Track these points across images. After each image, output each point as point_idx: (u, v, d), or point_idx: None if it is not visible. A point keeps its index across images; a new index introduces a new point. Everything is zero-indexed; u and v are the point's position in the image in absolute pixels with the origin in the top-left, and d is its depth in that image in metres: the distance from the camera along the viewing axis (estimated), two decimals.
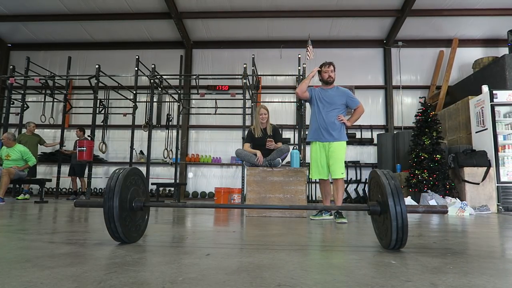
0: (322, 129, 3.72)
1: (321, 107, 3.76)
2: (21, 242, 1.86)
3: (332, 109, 3.73)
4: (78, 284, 1.05)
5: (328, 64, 3.83)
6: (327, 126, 3.70)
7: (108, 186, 1.76)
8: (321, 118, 3.75)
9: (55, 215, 3.82)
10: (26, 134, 7.95)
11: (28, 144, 7.77)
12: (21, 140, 7.77)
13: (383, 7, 9.38)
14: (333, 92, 3.78)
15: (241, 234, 2.50)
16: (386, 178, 1.75)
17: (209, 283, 1.10)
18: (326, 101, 3.75)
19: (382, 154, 8.86)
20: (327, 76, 3.79)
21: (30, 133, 8.01)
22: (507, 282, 1.18)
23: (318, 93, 3.82)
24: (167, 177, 10.27)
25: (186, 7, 9.58)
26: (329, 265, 1.40)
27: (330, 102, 3.74)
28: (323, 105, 3.76)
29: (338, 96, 3.76)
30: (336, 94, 3.78)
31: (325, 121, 3.72)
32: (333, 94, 3.77)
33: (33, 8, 9.68)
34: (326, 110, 3.73)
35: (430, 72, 10.45)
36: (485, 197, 6.02)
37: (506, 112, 6.49)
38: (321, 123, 3.74)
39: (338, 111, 3.73)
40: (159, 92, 8.83)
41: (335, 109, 3.73)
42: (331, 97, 3.74)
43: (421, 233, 2.59)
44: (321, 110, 3.76)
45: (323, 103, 3.76)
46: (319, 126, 3.75)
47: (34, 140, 8.04)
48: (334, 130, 3.70)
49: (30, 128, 8.01)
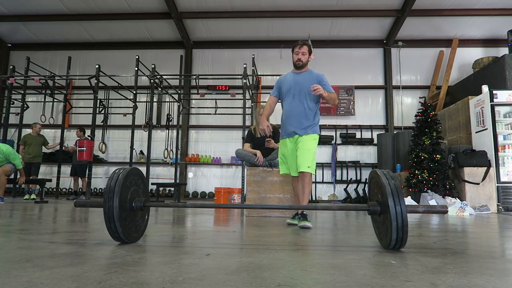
0: (292, 121, 3.14)
1: (290, 96, 3.18)
2: (21, 242, 1.86)
3: (303, 97, 3.13)
4: (78, 284, 1.05)
5: (300, 45, 3.18)
6: (297, 117, 3.11)
7: (108, 186, 1.76)
8: (291, 109, 3.16)
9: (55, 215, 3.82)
10: (31, 135, 8.04)
11: (33, 145, 7.87)
12: (26, 140, 7.87)
13: (383, 7, 9.39)
14: (304, 77, 3.18)
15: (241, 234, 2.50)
16: (386, 178, 1.75)
17: (209, 283, 1.10)
18: (296, 88, 3.16)
19: (382, 154, 8.87)
20: (296, 58, 3.18)
21: (35, 133, 8.10)
22: (507, 282, 1.18)
23: (288, 80, 3.25)
24: (167, 177, 10.27)
25: (186, 7, 9.59)
26: (329, 265, 1.40)
27: (300, 89, 3.14)
28: (292, 93, 3.17)
29: (310, 81, 3.12)
30: (308, 78, 3.16)
31: (294, 111, 3.13)
32: (304, 79, 3.16)
33: (33, 8, 9.68)
34: (296, 99, 3.14)
35: (430, 72, 10.46)
36: (485, 197, 6.02)
37: (506, 112, 6.49)
38: (291, 114, 3.15)
39: (310, 99, 3.12)
40: (159, 92, 8.82)
41: (306, 97, 3.12)
42: (302, 83, 3.15)
43: (421, 233, 2.59)
44: (290, 100, 3.17)
45: (293, 91, 3.17)
46: (289, 118, 3.17)
47: (39, 140, 8.13)
48: (305, 121, 3.11)
49: (35, 128, 8.09)
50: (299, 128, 3.10)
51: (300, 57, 3.16)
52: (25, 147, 7.84)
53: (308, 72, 3.22)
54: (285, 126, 3.21)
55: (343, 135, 10.20)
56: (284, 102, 3.25)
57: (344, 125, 10.28)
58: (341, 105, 10.34)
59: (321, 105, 3.32)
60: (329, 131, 10.32)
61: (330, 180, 10.04)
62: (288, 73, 3.31)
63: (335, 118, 10.38)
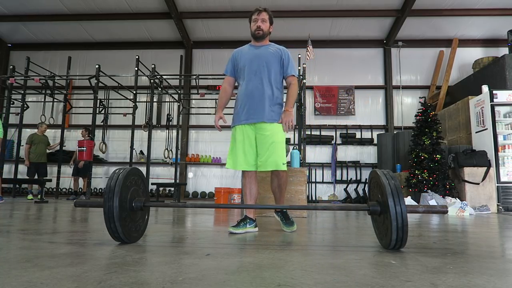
0: (252, 104, 2.57)
1: (251, 73, 2.60)
2: (21, 242, 1.86)
3: (265, 74, 2.58)
4: (78, 284, 1.05)
5: (258, 11, 2.66)
6: (260, 99, 2.55)
7: (108, 186, 1.77)
8: (252, 89, 2.58)
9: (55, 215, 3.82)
10: (38, 134, 8.14)
11: (40, 144, 7.98)
12: (33, 139, 7.97)
13: (383, 7, 9.39)
14: (264, 51, 2.65)
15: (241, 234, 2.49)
16: (386, 178, 1.75)
17: (209, 283, 1.10)
18: (256, 62, 2.61)
19: (382, 154, 8.87)
20: (255, 27, 2.64)
21: (41, 133, 8.20)
22: (507, 282, 1.18)
23: (245, 54, 2.68)
24: (167, 177, 10.27)
25: (186, 7, 9.59)
26: (329, 265, 1.40)
27: (259, 64, 2.59)
28: (253, 70, 2.60)
29: (272, 55, 2.62)
30: (269, 52, 2.64)
31: (256, 92, 2.56)
32: (264, 53, 2.63)
33: (33, 8, 9.68)
34: (258, 77, 2.58)
35: (430, 72, 10.46)
36: (485, 197, 6.02)
37: (506, 112, 6.49)
38: (252, 96, 2.57)
39: (275, 77, 2.61)
40: (159, 92, 8.82)
41: (268, 73, 2.59)
42: (262, 57, 2.61)
43: (421, 233, 2.59)
44: (250, 78, 2.60)
45: (253, 67, 2.61)
46: (249, 100, 2.59)
47: (45, 140, 8.26)
48: (270, 105, 2.56)
49: (41, 128, 8.20)
50: (263, 113, 2.54)
51: (260, 25, 2.63)
52: (31, 146, 7.91)
53: (268, 46, 2.69)
54: (243, 110, 2.62)
55: (343, 135, 10.20)
56: (242, 81, 2.67)
57: (344, 125, 10.28)
58: (341, 105, 10.33)
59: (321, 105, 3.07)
60: (329, 131, 10.32)
61: (330, 180, 10.04)
62: (244, 46, 2.75)
63: (335, 118, 10.38)
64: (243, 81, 2.66)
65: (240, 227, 2.48)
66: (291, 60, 2.69)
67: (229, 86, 2.79)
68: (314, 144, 10.18)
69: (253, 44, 2.72)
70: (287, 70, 2.65)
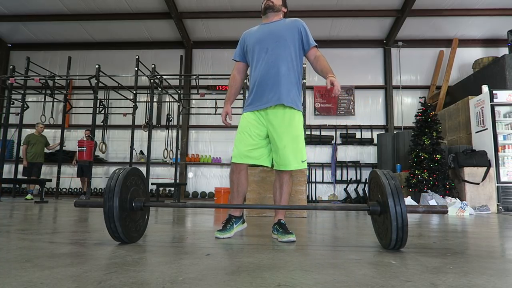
0: (262, 87, 2.17)
1: (257, 52, 2.23)
2: (21, 242, 1.86)
3: (278, 50, 2.18)
4: (78, 284, 1.05)
5: None
6: (271, 79, 2.14)
7: (108, 186, 1.77)
8: (260, 70, 2.19)
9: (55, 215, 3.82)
10: (35, 134, 8.14)
11: (37, 144, 7.95)
12: (30, 140, 7.95)
13: (383, 7, 9.39)
14: (277, 26, 2.25)
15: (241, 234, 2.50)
16: (386, 178, 1.75)
17: (209, 283, 1.10)
18: (266, 39, 2.22)
19: (382, 154, 8.87)
20: (265, 3, 2.27)
21: (38, 133, 8.19)
22: (507, 282, 1.18)
23: (254, 33, 2.31)
24: (167, 177, 10.27)
25: (186, 7, 9.59)
26: (329, 265, 1.40)
27: (272, 40, 2.20)
28: (260, 47, 2.22)
29: (287, 29, 2.22)
30: (283, 28, 2.23)
31: (266, 72, 2.16)
32: (276, 28, 2.24)
33: (33, 8, 9.68)
34: (267, 55, 2.18)
35: (430, 72, 10.46)
36: (485, 197, 6.02)
37: (506, 112, 6.50)
38: (260, 78, 2.18)
39: (289, 53, 2.19)
40: (159, 92, 8.83)
41: (284, 50, 2.18)
42: (274, 33, 2.22)
43: (421, 233, 2.59)
44: (256, 58, 2.23)
45: (261, 44, 2.22)
46: (257, 84, 2.20)
47: (42, 140, 8.24)
48: (289, 85, 2.16)
49: (38, 128, 8.20)
50: (279, 94, 2.13)
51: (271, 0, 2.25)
52: (28, 147, 7.89)
53: (282, 22, 2.29)
54: (252, 95, 2.24)
55: (343, 135, 10.20)
56: (252, 64, 2.28)
57: (344, 125, 10.28)
58: (341, 105, 10.33)
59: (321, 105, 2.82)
60: (329, 131, 10.32)
61: (330, 180, 10.04)
62: (253, 27, 2.37)
63: (335, 118, 10.38)
64: (253, 63, 2.26)
65: (227, 230, 2.17)
66: (309, 31, 2.28)
67: (238, 73, 2.40)
68: (314, 144, 10.19)
69: (264, 22, 2.32)
70: (308, 42, 2.25)
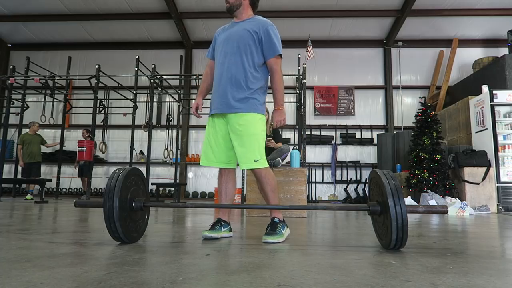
0: (218, 91, 2.16)
1: (218, 55, 2.22)
2: (21, 242, 1.86)
3: (234, 56, 2.12)
4: (78, 284, 1.05)
5: None
6: (228, 84, 2.11)
7: (108, 186, 1.77)
8: (221, 71, 2.16)
9: (55, 215, 3.82)
10: (29, 134, 8.00)
11: (32, 144, 7.81)
12: (24, 139, 7.81)
13: (383, 7, 9.39)
14: (242, 30, 2.16)
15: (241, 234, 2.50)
16: (386, 178, 1.75)
17: (209, 283, 1.10)
18: (227, 43, 2.17)
19: (382, 154, 8.87)
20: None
21: (33, 132, 8.04)
22: (507, 282, 1.18)
23: (222, 34, 2.28)
24: (167, 177, 10.27)
25: (186, 7, 9.59)
26: (329, 265, 1.40)
27: (231, 45, 2.14)
28: (221, 51, 2.19)
29: (246, 33, 2.13)
30: (243, 29, 2.15)
31: (225, 75, 2.13)
32: (237, 31, 2.17)
33: (33, 8, 9.68)
34: (226, 59, 2.15)
35: (430, 72, 10.46)
36: (485, 197, 6.02)
37: (506, 112, 6.49)
38: (220, 81, 2.15)
39: (248, 60, 2.12)
40: (159, 92, 8.83)
41: (241, 57, 2.11)
42: (234, 36, 2.16)
43: (421, 233, 2.59)
44: (217, 61, 2.23)
45: (223, 47, 2.19)
46: (215, 87, 2.20)
47: (37, 139, 8.08)
48: (240, 89, 2.10)
49: (33, 127, 8.05)
50: (229, 102, 2.10)
51: None
52: (23, 147, 7.76)
53: (248, 21, 2.21)
54: (213, 98, 2.23)
55: (343, 135, 10.20)
56: (215, 65, 2.28)
57: (344, 125, 10.28)
58: (341, 105, 10.33)
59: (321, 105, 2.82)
60: (329, 131, 10.32)
61: (330, 180, 10.04)
62: (226, 25, 2.35)
63: (335, 118, 10.38)
64: (215, 64, 2.28)
65: (215, 230, 2.14)
66: (274, 37, 2.16)
67: (210, 70, 2.37)
68: (314, 144, 10.19)
69: (234, 20, 2.28)
70: (268, 50, 2.14)
